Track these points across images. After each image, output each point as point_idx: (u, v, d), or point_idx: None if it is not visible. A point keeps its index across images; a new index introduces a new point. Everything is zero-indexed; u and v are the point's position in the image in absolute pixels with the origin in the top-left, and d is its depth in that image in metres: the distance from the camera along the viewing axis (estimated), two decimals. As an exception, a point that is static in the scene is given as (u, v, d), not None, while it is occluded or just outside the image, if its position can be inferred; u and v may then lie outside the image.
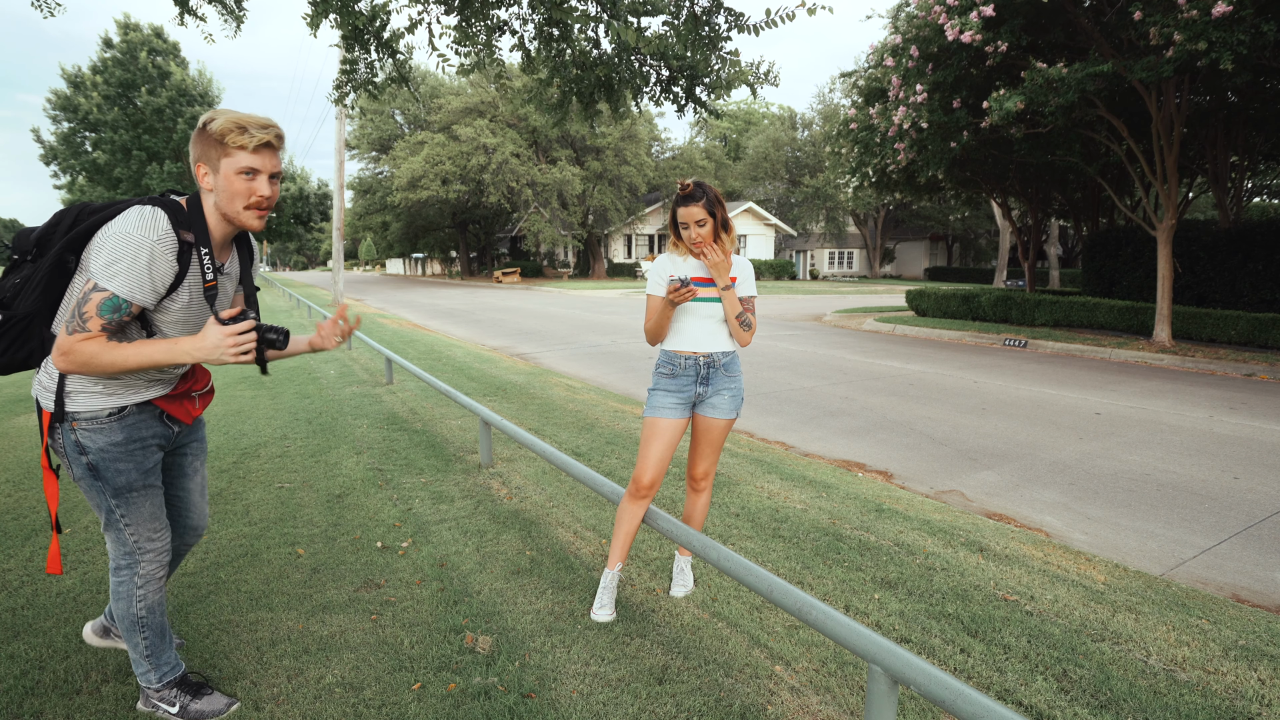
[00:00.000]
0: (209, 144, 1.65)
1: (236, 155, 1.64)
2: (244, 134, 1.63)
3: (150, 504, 1.84)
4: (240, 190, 1.67)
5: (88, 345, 1.57)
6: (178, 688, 1.95)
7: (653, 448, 2.53)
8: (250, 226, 1.72)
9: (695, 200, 2.41)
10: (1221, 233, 12.26)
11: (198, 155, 1.69)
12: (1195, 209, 31.83)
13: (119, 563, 1.86)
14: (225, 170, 1.65)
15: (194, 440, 2.06)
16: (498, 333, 13.28)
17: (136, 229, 1.58)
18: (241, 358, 1.61)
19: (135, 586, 1.85)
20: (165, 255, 1.61)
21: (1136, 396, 7.16)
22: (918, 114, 10.08)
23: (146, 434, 1.80)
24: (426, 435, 5.23)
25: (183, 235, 1.66)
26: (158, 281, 1.62)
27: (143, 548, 1.85)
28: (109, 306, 1.56)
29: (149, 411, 1.81)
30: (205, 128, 1.65)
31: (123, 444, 1.75)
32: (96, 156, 28.59)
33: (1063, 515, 3.91)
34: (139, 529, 1.83)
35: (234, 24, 5.51)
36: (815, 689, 2.19)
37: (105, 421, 1.73)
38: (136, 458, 1.78)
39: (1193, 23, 7.30)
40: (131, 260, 1.57)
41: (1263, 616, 2.69)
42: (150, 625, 1.89)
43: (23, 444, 4.84)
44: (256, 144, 1.64)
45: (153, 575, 1.87)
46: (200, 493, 2.10)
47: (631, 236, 41.29)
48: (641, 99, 5.72)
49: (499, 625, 2.52)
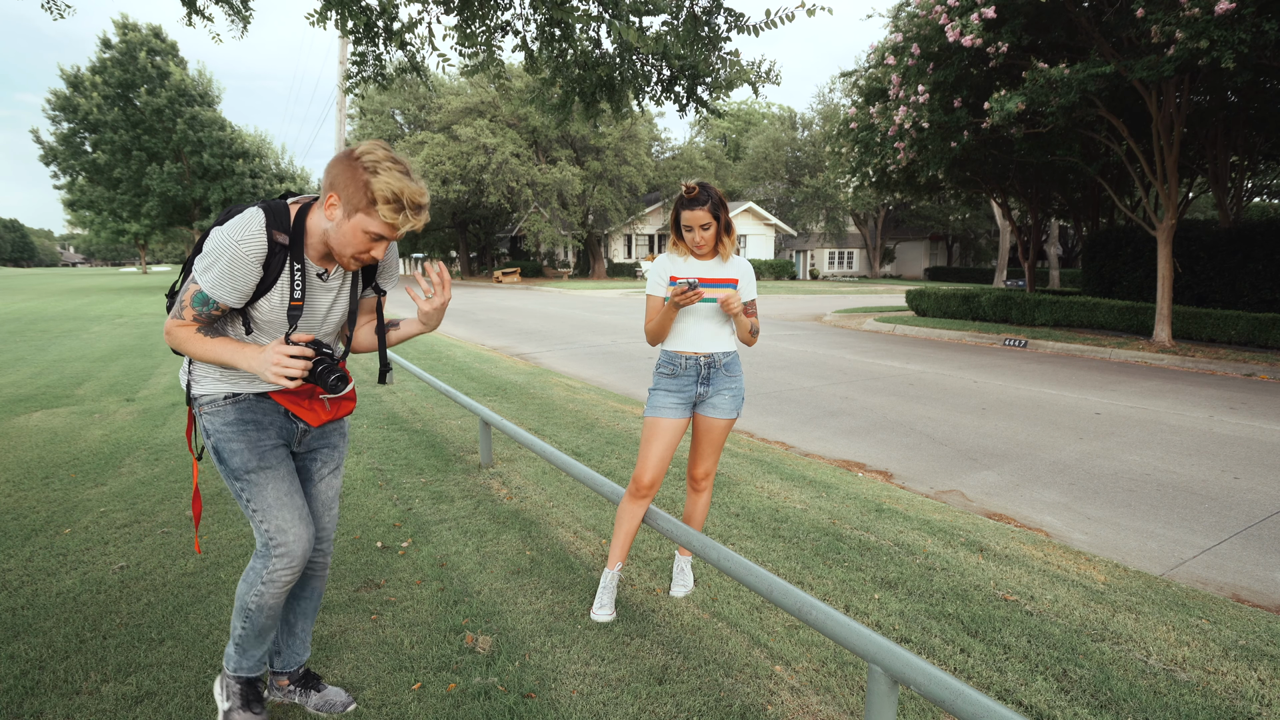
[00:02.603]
0: (358, 189, 1.58)
1: (375, 220, 1.60)
2: (400, 213, 1.59)
3: (274, 488, 1.79)
4: (360, 246, 1.64)
5: (181, 331, 1.65)
6: (242, 686, 1.92)
7: (653, 448, 2.52)
8: (347, 268, 1.72)
9: (701, 204, 2.41)
10: (1221, 233, 12.25)
11: (337, 185, 1.61)
12: (1195, 209, 31.83)
13: (258, 549, 1.84)
14: (356, 223, 1.61)
15: (324, 446, 1.96)
16: (498, 333, 13.28)
17: (230, 230, 1.60)
18: (284, 381, 1.58)
19: (260, 579, 1.81)
20: (248, 257, 1.59)
21: (1136, 396, 7.16)
22: (918, 114, 10.08)
23: (261, 418, 1.79)
24: (426, 435, 5.23)
25: (276, 237, 1.63)
26: (240, 282, 1.61)
27: (275, 540, 1.79)
28: (199, 300, 1.63)
29: (268, 402, 1.80)
30: (361, 168, 1.58)
31: (235, 424, 1.76)
32: (96, 157, 28.55)
33: (1063, 515, 3.90)
34: (267, 516, 1.78)
35: (241, 24, 5.51)
36: (815, 689, 2.19)
37: (222, 404, 1.77)
38: (250, 436, 1.77)
39: (1194, 21, 7.30)
40: (216, 258, 1.59)
41: (1263, 616, 2.69)
42: (254, 621, 1.85)
43: (23, 444, 4.84)
44: (400, 226, 1.61)
45: (278, 576, 1.81)
46: (325, 502, 1.98)
47: (631, 236, 41.29)
48: (643, 98, 5.72)
49: (499, 625, 2.52)
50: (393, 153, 1.63)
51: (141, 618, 2.52)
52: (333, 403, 1.89)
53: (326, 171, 1.66)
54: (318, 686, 2.06)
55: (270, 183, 31.59)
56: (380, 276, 1.92)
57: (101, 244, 65.66)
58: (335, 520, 2.05)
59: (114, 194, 29.81)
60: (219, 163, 29.78)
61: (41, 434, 5.11)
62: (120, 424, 5.44)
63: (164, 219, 31.64)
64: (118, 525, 3.39)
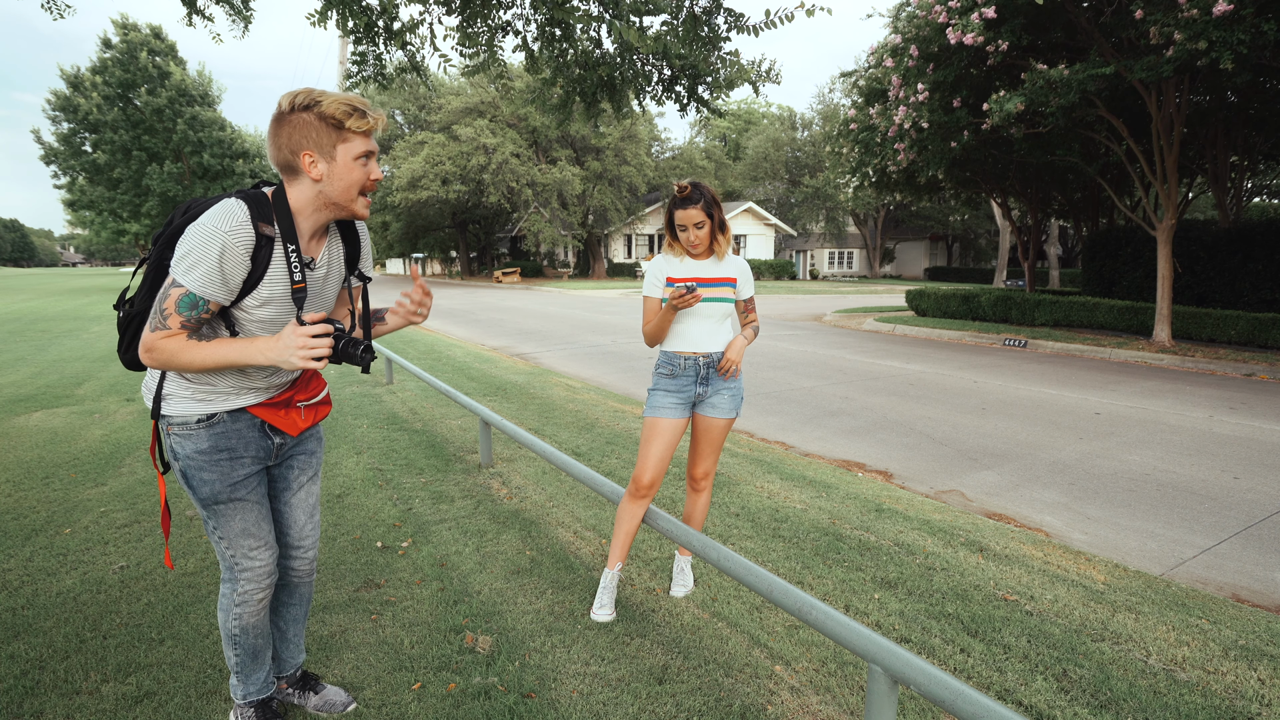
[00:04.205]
0: (323, 128, 1.53)
1: (354, 140, 1.55)
2: (363, 118, 1.53)
3: (241, 519, 1.74)
4: (358, 178, 1.57)
5: (168, 343, 1.52)
6: (255, 710, 1.91)
7: (653, 447, 2.52)
8: (361, 215, 1.64)
9: (693, 202, 2.41)
10: (1221, 233, 12.25)
11: (302, 142, 1.53)
12: (1195, 209, 31.83)
13: (223, 574, 1.81)
14: (343, 157, 1.55)
15: (301, 453, 1.91)
16: (498, 332, 13.28)
17: (211, 220, 1.48)
18: (312, 363, 1.50)
19: (233, 603, 1.79)
20: (237, 249, 1.50)
21: (1136, 396, 7.16)
22: (918, 114, 10.08)
23: (236, 444, 1.70)
24: (426, 435, 5.23)
25: (262, 229, 1.53)
26: (230, 277, 1.51)
27: (240, 564, 1.76)
28: (186, 303, 1.50)
29: (244, 421, 1.71)
30: (311, 109, 1.52)
31: (208, 452, 1.67)
32: (96, 157, 28.52)
33: (1063, 515, 3.90)
34: (232, 544, 1.75)
35: (242, 24, 5.50)
36: (815, 689, 2.19)
37: (194, 428, 1.66)
38: (221, 468, 1.69)
39: (1193, 22, 7.30)
40: (203, 253, 1.47)
41: (1263, 616, 2.69)
42: (243, 644, 1.83)
43: (23, 444, 4.84)
44: (369, 127, 1.56)
45: (249, 596, 1.78)
46: (305, 510, 1.94)
47: (631, 236, 41.29)
48: (644, 98, 5.72)
49: (499, 625, 2.52)
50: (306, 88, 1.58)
51: (141, 618, 2.52)
52: (308, 409, 1.84)
53: (276, 146, 1.56)
54: (316, 688, 2.06)
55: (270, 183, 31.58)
56: (362, 263, 1.85)
57: (101, 244, 65.62)
58: (318, 527, 2.00)
59: (114, 194, 29.77)
60: (219, 163, 29.76)
61: (41, 434, 5.11)
62: (120, 424, 5.44)
63: (164, 219, 31.62)
64: (118, 525, 3.39)
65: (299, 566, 1.97)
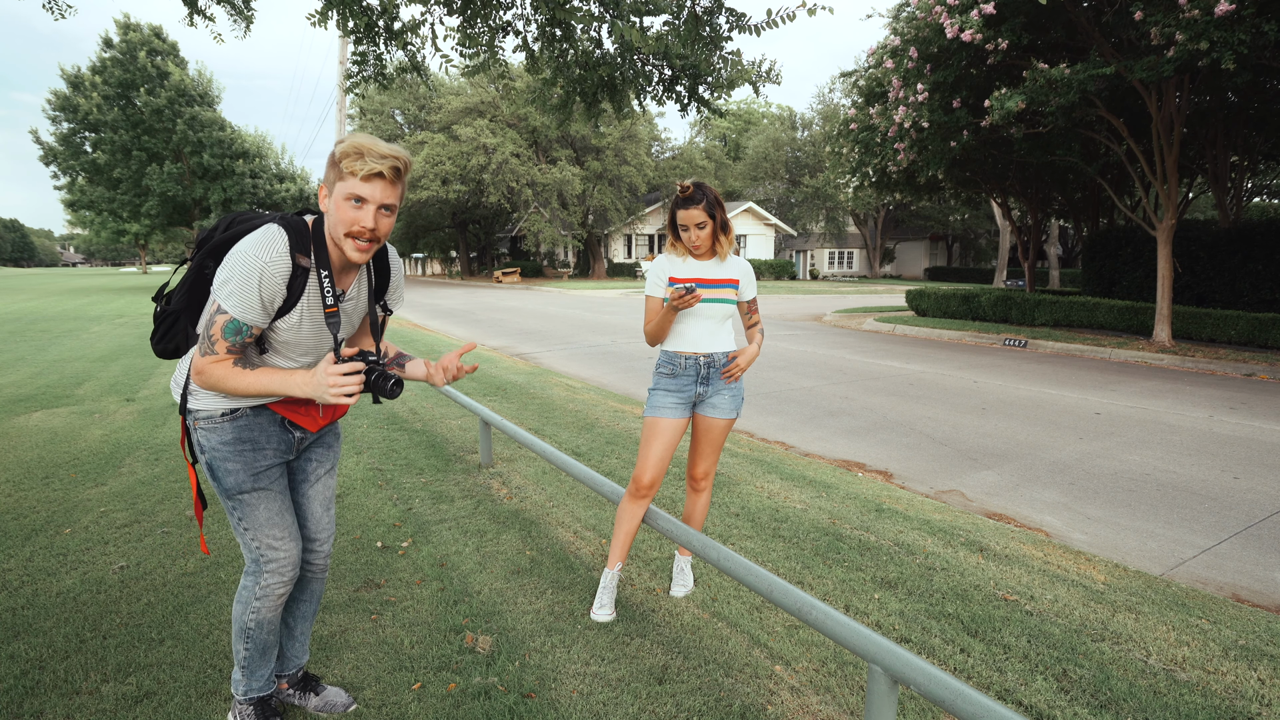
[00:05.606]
0: (331, 165, 1.63)
1: (348, 180, 1.60)
2: (359, 160, 1.59)
3: (265, 508, 1.80)
4: (345, 217, 1.62)
5: (217, 368, 1.62)
6: (254, 708, 1.93)
7: (653, 447, 2.52)
8: (350, 257, 1.67)
9: (696, 203, 2.41)
10: (1221, 233, 12.26)
11: (325, 175, 1.67)
12: (1195, 209, 31.82)
13: (248, 567, 1.86)
14: (337, 194, 1.62)
15: (319, 446, 1.98)
16: (498, 332, 13.28)
17: (252, 249, 1.58)
18: (344, 399, 1.58)
19: (254, 596, 1.84)
20: (274, 278, 1.59)
21: (1136, 396, 7.16)
22: (918, 114, 10.08)
23: (258, 435, 1.78)
24: (426, 435, 5.23)
25: (299, 260, 1.64)
26: (268, 304, 1.61)
27: (265, 556, 1.82)
28: (231, 329, 1.59)
29: (265, 415, 1.79)
30: (333, 154, 1.63)
31: (232, 443, 1.75)
32: (96, 157, 28.51)
33: (1063, 515, 3.90)
34: (258, 534, 1.81)
35: (243, 24, 5.50)
36: (815, 689, 2.19)
37: (219, 421, 1.75)
38: (245, 458, 1.76)
39: (1194, 22, 7.30)
40: (243, 281, 1.57)
41: (1263, 616, 2.69)
42: (255, 639, 1.87)
43: (23, 444, 4.84)
44: (368, 172, 1.59)
45: (271, 590, 1.84)
46: (322, 503, 2.00)
47: (631, 236, 41.29)
48: (645, 98, 5.72)
49: (499, 625, 2.52)
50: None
51: (141, 618, 2.53)
52: (327, 407, 1.88)
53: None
54: (317, 688, 2.06)
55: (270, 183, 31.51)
56: (389, 296, 1.92)
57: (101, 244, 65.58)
58: (334, 521, 2.05)
59: (114, 194, 29.76)
60: (219, 163, 29.74)
61: (41, 434, 5.11)
62: (120, 424, 5.44)
63: (164, 219, 31.60)
64: (118, 525, 3.39)
65: (315, 560, 2.02)
